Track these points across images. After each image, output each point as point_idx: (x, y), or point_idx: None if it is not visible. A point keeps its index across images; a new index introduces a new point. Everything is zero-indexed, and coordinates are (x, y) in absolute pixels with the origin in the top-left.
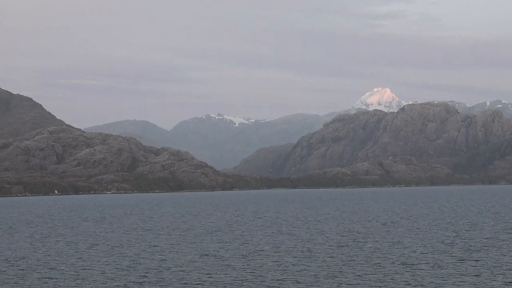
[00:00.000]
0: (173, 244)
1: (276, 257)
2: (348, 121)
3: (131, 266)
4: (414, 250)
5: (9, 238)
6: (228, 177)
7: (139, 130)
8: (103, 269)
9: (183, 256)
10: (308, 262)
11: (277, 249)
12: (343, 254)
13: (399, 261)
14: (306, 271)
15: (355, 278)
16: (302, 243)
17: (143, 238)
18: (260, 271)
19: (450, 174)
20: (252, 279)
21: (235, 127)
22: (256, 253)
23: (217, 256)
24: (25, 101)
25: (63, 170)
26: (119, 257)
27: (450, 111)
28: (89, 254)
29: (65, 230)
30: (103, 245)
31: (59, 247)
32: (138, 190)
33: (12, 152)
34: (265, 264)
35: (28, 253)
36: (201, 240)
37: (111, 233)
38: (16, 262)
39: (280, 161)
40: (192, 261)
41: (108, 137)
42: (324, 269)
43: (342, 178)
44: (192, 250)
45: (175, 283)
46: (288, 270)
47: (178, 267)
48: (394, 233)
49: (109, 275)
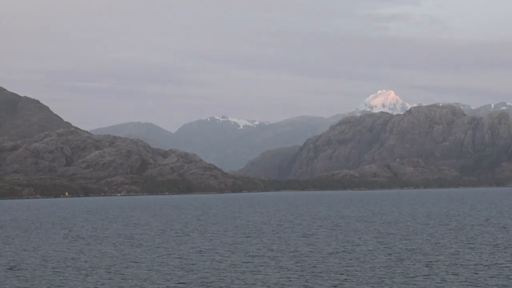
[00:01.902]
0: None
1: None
2: (354, 123)
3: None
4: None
5: (47, 239)
6: (237, 179)
7: (144, 132)
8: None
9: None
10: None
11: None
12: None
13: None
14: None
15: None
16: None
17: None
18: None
19: (458, 176)
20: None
21: (240, 129)
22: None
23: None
24: (32, 103)
25: (73, 172)
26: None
27: (456, 113)
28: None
29: (96, 232)
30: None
31: (103, 249)
32: (147, 192)
33: (21, 154)
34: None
35: (74, 255)
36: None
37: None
38: (66, 263)
39: (286, 163)
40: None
41: (116, 139)
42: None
43: (351, 180)
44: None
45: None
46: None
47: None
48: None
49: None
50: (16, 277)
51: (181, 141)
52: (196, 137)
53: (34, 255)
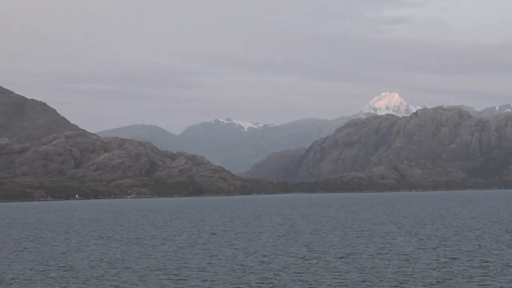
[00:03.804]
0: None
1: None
2: (360, 126)
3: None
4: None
5: (86, 241)
6: (246, 182)
7: (148, 135)
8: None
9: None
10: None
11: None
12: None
13: None
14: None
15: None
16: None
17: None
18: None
19: (466, 179)
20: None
21: (244, 132)
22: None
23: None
24: (39, 105)
25: (82, 175)
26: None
27: (463, 115)
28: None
29: (127, 233)
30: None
31: (143, 250)
32: (157, 194)
33: (30, 156)
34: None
35: (120, 256)
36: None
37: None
38: (114, 263)
39: (292, 166)
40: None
41: (124, 141)
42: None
43: (359, 183)
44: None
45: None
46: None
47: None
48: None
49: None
50: (72, 278)
51: (185, 143)
52: (200, 140)
53: (81, 256)
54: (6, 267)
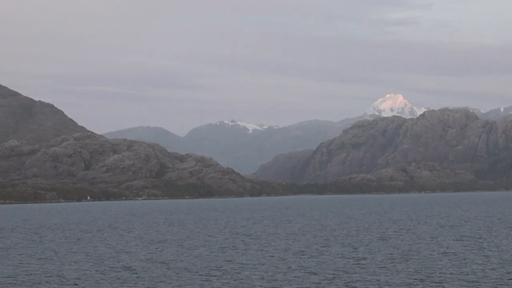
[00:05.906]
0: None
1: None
2: (367, 127)
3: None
4: None
5: (125, 241)
6: (255, 183)
7: (153, 137)
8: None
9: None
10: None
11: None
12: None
13: None
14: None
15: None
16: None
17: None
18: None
19: (474, 180)
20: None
21: (249, 134)
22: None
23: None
24: (46, 107)
25: (93, 176)
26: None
27: (470, 117)
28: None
29: (162, 235)
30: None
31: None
32: (168, 196)
33: (40, 158)
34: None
35: (168, 257)
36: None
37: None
38: (171, 264)
39: (299, 167)
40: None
41: (133, 143)
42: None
43: (368, 184)
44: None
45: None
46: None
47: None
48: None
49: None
50: (136, 278)
51: (190, 145)
52: (205, 141)
53: (132, 257)
54: (68, 266)
